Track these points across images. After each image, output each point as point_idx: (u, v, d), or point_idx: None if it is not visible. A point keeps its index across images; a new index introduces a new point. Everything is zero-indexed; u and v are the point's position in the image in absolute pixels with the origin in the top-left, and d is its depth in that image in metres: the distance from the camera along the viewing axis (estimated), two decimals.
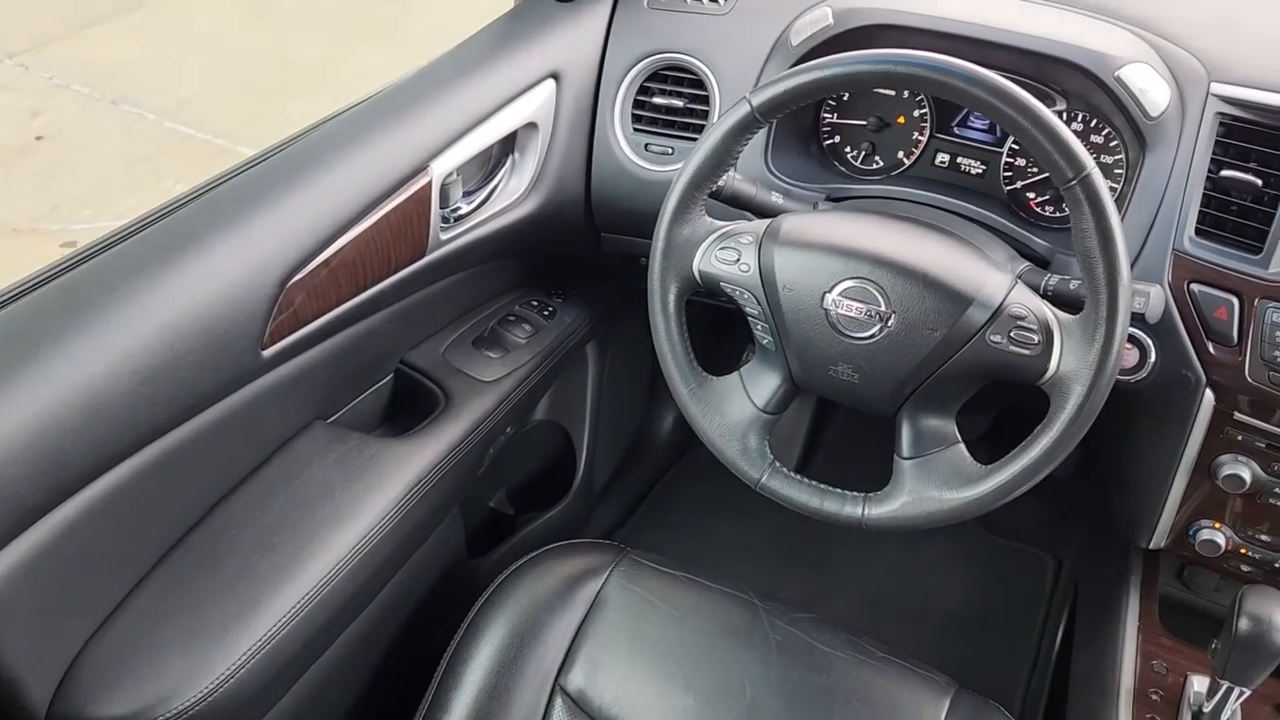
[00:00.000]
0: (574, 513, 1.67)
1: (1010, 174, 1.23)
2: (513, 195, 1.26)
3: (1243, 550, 1.14)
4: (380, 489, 1.13)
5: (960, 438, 0.99)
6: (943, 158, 1.28)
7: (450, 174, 1.15)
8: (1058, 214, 1.21)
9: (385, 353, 1.27)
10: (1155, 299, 0.98)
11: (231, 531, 1.05)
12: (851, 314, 0.96)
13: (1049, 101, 1.19)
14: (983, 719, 1.07)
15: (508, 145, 1.25)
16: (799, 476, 1.04)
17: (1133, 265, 1.07)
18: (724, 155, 1.00)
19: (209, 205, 1.04)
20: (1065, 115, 1.19)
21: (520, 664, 1.11)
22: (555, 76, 1.24)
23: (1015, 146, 1.22)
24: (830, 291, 0.97)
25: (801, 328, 1.00)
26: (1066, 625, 1.61)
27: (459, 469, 1.24)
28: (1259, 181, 1.02)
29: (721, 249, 1.02)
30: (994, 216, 1.15)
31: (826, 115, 1.32)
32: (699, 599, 1.18)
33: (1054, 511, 1.85)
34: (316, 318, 1.06)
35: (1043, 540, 1.83)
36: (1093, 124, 1.18)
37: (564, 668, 1.11)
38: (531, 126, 1.24)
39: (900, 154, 1.29)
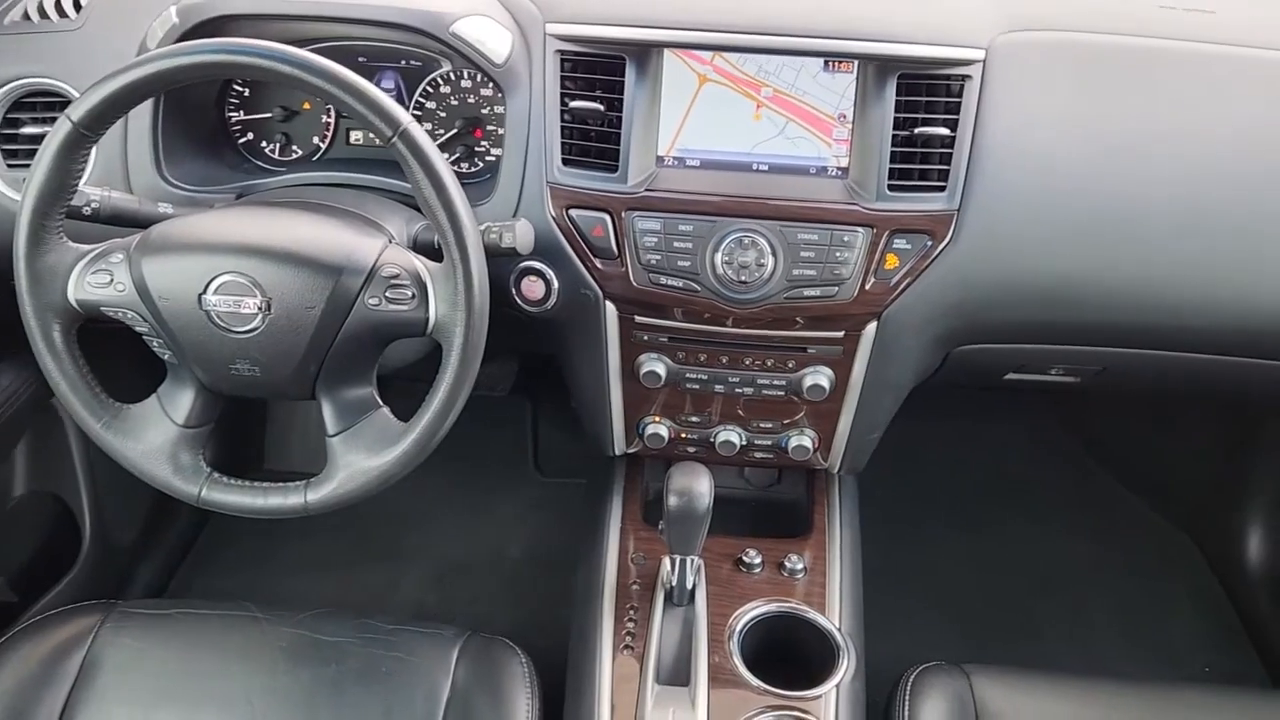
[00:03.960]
0: (91, 582, 1.54)
1: None
2: None
3: (683, 435, 1.27)
4: None
5: (382, 402, 1.02)
6: (356, 135, 1.30)
7: None
8: (469, 170, 1.26)
9: None
10: (522, 232, 1.05)
11: None
12: (233, 310, 0.95)
13: (435, 65, 1.24)
14: (489, 655, 1.13)
15: None
16: (238, 481, 1.02)
17: (518, 203, 1.14)
18: (63, 177, 0.94)
19: None
20: (453, 73, 1.24)
21: None
22: None
23: (416, 112, 1.26)
24: (205, 292, 0.95)
25: (190, 334, 0.97)
26: None
27: None
28: (601, 107, 1.11)
29: (94, 273, 0.97)
30: (405, 184, 1.18)
31: (233, 114, 1.29)
32: (197, 631, 1.14)
33: None
34: None
35: None
36: (477, 79, 1.24)
37: None
38: None
39: (315, 139, 1.29)
